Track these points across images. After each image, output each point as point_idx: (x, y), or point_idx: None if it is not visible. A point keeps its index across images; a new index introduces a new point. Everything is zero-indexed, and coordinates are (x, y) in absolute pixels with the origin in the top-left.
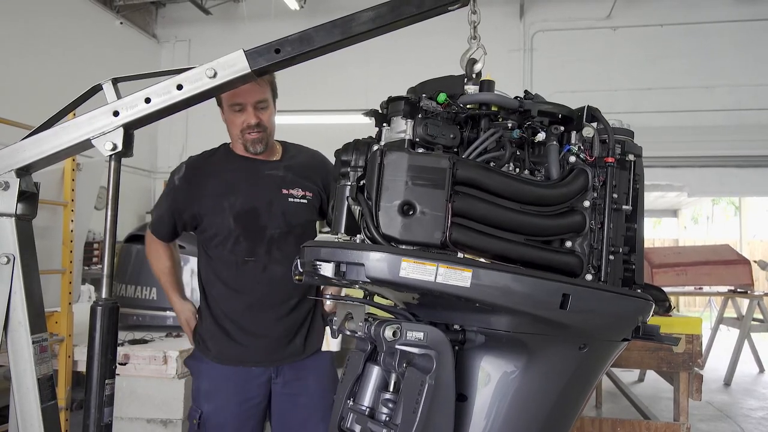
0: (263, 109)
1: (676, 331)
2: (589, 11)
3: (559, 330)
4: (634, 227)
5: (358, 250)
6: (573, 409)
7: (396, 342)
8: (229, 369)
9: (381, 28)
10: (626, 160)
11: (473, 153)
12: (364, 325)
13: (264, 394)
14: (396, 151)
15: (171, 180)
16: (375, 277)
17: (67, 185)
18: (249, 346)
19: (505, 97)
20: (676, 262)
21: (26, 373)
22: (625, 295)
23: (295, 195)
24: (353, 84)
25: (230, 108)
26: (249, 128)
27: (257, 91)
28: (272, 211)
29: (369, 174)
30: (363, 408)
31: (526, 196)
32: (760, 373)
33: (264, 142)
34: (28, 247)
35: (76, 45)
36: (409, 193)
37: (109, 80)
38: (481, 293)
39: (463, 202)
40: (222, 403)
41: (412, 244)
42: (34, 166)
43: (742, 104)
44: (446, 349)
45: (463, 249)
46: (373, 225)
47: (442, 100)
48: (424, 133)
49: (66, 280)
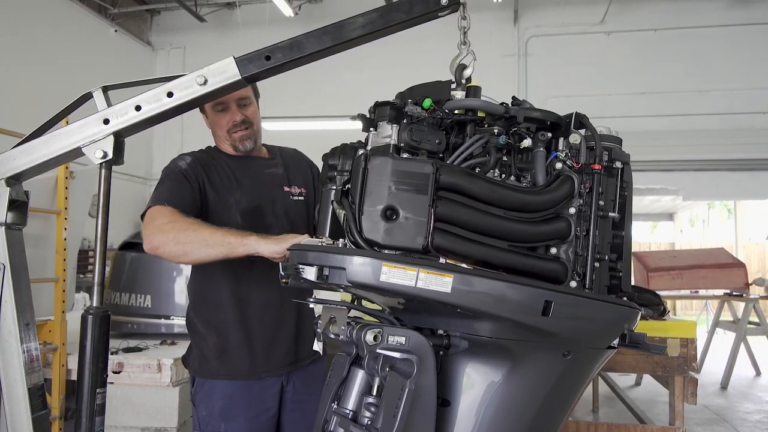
0: (246, 106)
1: (671, 335)
2: (582, 16)
3: (542, 337)
4: (622, 234)
5: (340, 254)
6: (558, 415)
7: (377, 346)
8: (242, 384)
9: (371, 34)
10: (613, 167)
11: (458, 159)
12: (347, 328)
13: (277, 404)
14: (380, 156)
15: (175, 165)
16: (356, 281)
17: (60, 193)
18: (260, 356)
19: (490, 103)
20: (672, 266)
21: (17, 382)
22: (608, 303)
23: (294, 192)
24: (347, 90)
25: (213, 110)
26: (235, 126)
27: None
28: (275, 209)
29: (353, 178)
30: (346, 411)
31: (510, 202)
32: (756, 376)
33: (252, 138)
34: (18, 256)
35: (71, 53)
36: (392, 197)
37: (99, 88)
38: (462, 299)
39: (446, 207)
40: (241, 420)
41: (394, 249)
42: (25, 174)
43: (735, 108)
44: (428, 354)
45: (445, 254)
46: (356, 229)
47: (428, 105)
48: (409, 138)
49: (59, 288)
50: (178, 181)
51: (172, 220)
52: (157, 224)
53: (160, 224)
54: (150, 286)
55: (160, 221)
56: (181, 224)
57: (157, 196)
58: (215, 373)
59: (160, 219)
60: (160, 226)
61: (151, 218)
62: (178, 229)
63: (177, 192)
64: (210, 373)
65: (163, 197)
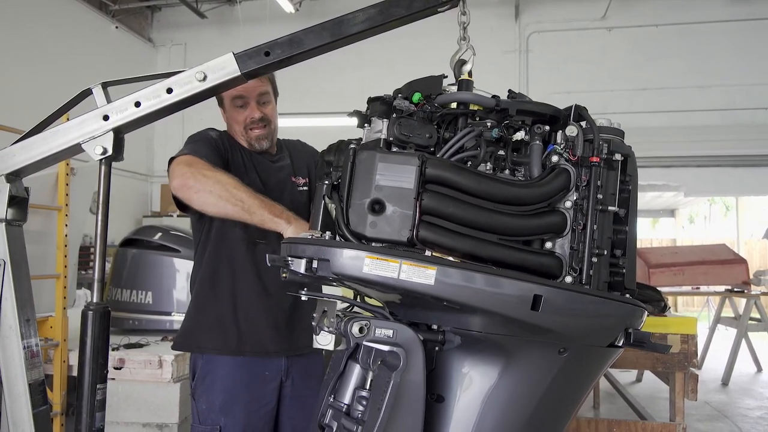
0: (266, 103)
1: (672, 330)
2: (584, 12)
3: (533, 332)
4: (625, 230)
5: (324, 246)
6: (560, 413)
7: (363, 338)
8: (245, 362)
9: (371, 29)
10: (613, 159)
11: (448, 152)
12: (335, 321)
13: (276, 399)
14: (366, 149)
15: (206, 134)
16: (340, 273)
17: (61, 190)
18: (266, 333)
19: (480, 95)
20: (673, 262)
21: (17, 378)
22: (604, 299)
23: (299, 183)
24: (348, 86)
25: (232, 104)
26: (253, 123)
27: (259, 85)
28: (283, 199)
29: (342, 173)
30: (341, 405)
31: (499, 195)
32: (757, 372)
33: (269, 138)
34: (18, 252)
35: (71, 50)
36: (378, 191)
37: (99, 84)
38: (446, 291)
39: (433, 200)
40: (241, 414)
41: (380, 242)
42: (24, 170)
43: (736, 104)
44: (415, 348)
45: (431, 247)
46: (344, 222)
47: (417, 99)
48: (398, 132)
49: (60, 284)
50: (210, 146)
51: (212, 170)
52: (196, 168)
53: (198, 169)
54: (151, 283)
55: (200, 166)
56: (221, 176)
57: (193, 148)
58: (202, 346)
59: (200, 165)
60: (199, 171)
61: (189, 163)
62: (217, 180)
63: (210, 154)
64: (197, 346)
65: (201, 152)
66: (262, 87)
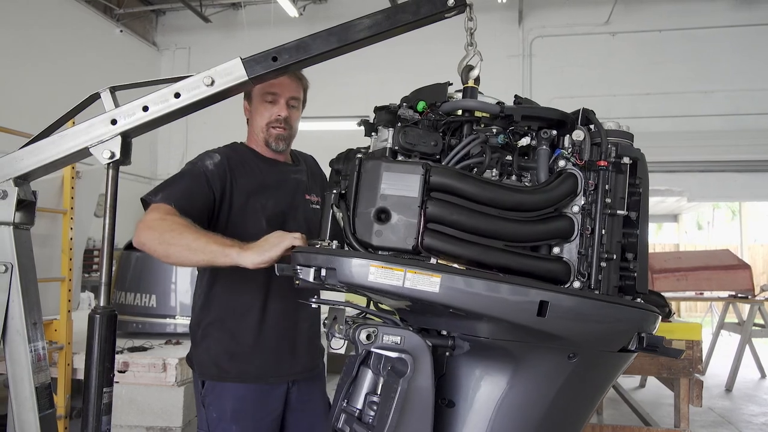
0: (294, 107)
1: (676, 336)
2: (587, 17)
3: (541, 338)
4: (636, 233)
5: (331, 255)
6: (574, 420)
7: (371, 345)
8: (252, 387)
9: (378, 35)
10: (622, 163)
11: (453, 159)
12: (344, 327)
13: (282, 406)
14: (372, 159)
15: (202, 164)
16: (346, 281)
17: (66, 193)
18: (270, 361)
19: (485, 102)
20: (677, 267)
21: (24, 381)
22: (613, 304)
23: (313, 201)
24: (354, 91)
25: (262, 98)
26: (277, 121)
27: (293, 88)
28: (297, 216)
29: (349, 182)
30: (354, 409)
31: (504, 202)
32: (761, 378)
33: (287, 141)
34: (26, 255)
35: (76, 53)
36: (383, 200)
37: (107, 89)
38: (452, 298)
39: (437, 208)
40: (250, 422)
41: (386, 250)
42: (32, 174)
43: (740, 109)
44: (423, 354)
45: (437, 254)
46: (351, 231)
47: (421, 108)
48: (403, 141)
49: (65, 287)
50: (196, 181)
51: (163, 218)
52: (149, 220)
53: (150, 220)
54: (155, 286)
55: (152, 217)
56: (169, 224)
57: (168, 193)
58: (224, 376)
59: (153, 215)
60: (151, 223)
61: (147, 213)
62: (165, 228)
63: (189, 192)
64: (218, 375)
65: (172, 196)
66: (296, 92)
